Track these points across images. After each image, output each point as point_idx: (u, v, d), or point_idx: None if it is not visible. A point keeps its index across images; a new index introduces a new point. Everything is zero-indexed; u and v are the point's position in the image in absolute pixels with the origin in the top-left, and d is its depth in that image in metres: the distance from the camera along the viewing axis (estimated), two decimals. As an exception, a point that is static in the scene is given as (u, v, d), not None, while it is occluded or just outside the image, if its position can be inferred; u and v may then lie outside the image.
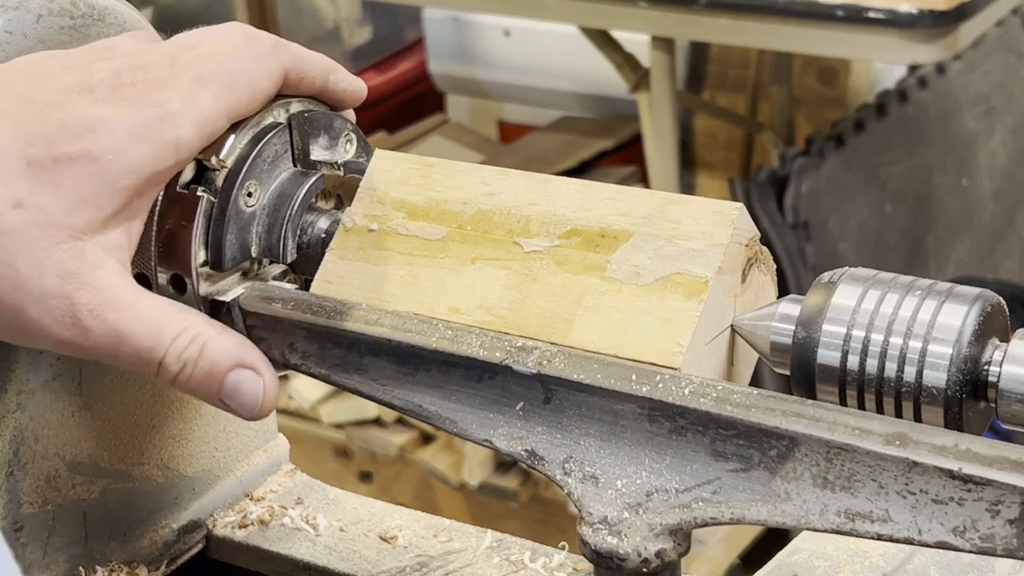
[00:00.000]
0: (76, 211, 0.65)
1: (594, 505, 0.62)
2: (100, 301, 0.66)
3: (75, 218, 0.65)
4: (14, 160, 0.64)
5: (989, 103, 2.83)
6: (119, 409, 0.81)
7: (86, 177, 0.65)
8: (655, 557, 0.61)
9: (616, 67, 2.53)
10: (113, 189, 0.66)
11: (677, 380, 0.61)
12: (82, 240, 0.65)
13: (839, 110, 2.95)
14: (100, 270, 0.66)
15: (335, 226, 0.73)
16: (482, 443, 0.65)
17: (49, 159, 0.65)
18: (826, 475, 0.58)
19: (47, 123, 0.65)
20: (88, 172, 0.65)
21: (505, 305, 0.67)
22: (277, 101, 0.72)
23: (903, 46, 2.07)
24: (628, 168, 3.03)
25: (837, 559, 0.79)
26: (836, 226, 2.42)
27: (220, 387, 0.68)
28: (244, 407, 0.69)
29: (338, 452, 2.71)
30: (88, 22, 0.76)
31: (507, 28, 3.25)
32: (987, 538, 0.55)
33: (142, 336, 0.67)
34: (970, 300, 0.60)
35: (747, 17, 2.13)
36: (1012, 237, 2.87)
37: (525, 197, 0.70)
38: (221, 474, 0.87)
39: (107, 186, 0.65)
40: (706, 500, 0.61)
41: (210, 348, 0.68)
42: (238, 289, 0.71)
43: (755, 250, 0.67)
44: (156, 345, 0.67)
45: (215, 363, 0.68)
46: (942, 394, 0.59)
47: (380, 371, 0.68)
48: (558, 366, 0.63)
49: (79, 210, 0.65)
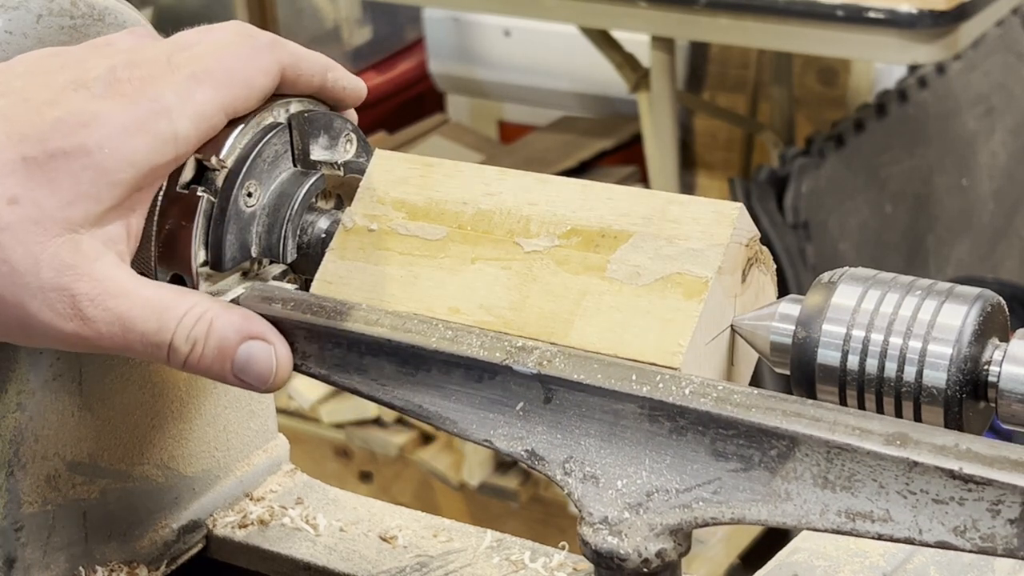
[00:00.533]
0: (72, 205, 0.65)
1: (594, 505, 0.62)
2: (100, 290, 0.66)
3: (71, 211, 0.65)
4: (9, 157, 0.64)
5: (989, 103, 2.83)
6: (119, 409, 0.81)
7: (82, 171, 0.65)
8: (655, 557, 0.61)
9: (616, 67, 2.53)
10: (111, 182, 0.66)
11: (677, 380, 0.61)
12: (78, 233, 0.66)
13: (839, 110, 2.95)
14: (98, 261, 0.66)
15: (335, 226, 0.73)
16: (482, 443, 0.65)
17: (44, 154, 0.65)
18: (826, 475, 0.58)
19: (42, 120, 0.65)
20: (83, 166, 0.65)
21: (505, 305, 0.67)
22: (277, 101, 0.72)
23: (903, 46, 2.07)
24: (628, 168, 3.03)
25: (837, 559, 0.79)
26: (836, 226, 2.42)
27: (232, 362, 0.68)
28: (259, 378, 0.68)
29: (338, 452, 2.71)
30: (88, 22, 0.76)
31: (507, 28, 3.25)
32: (988, 538, 0.55)
33: (147, 320, 0.67)
34: (970, 300, 0.60)
35: (747, 17, 2.13)
36: (1012, 237, 2.87)
37: (525, 197, 0.70)
38: (221, 474, 0.87)
39: (104, 179, 0.65)
40: (706, 500, 0.61)
41: (218, 324, 0.68)
42: (238, 289, 0.71)
43: (755, 250, 0.67)
44: (162, 327, 0.67)
45: (224, 338, 0.68)
46: (942, 394, 0.59)
47: (380, 371, 0.68)
48: (558, 366, 0.63)
49: (75, 204, 0.65)
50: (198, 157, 0.70)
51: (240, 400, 0.88)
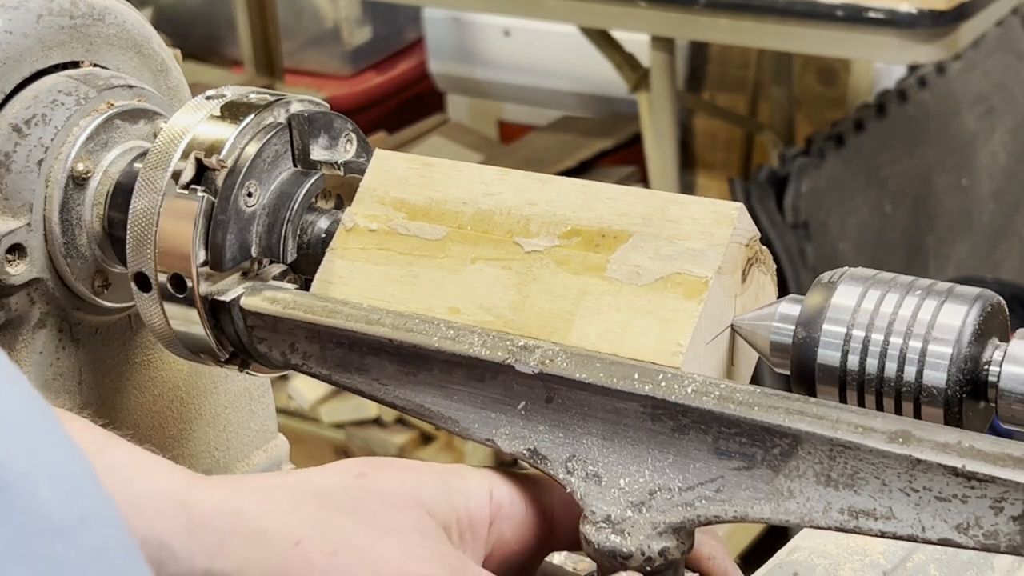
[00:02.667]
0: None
1: (597, 504, 0.62)
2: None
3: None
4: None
5: (989, 103, 2.83)
6: (119, 409, 0.81)
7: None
8: (658, 555, 0.61)
9: (616, 67, 2.53)
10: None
11: (680, 379, 0.61)
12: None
13: (839, 110, 2.95)
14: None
15: (335, 226, 0.73)
16: (484, 443, 0.65)
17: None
18: (829, 473, 0.58)
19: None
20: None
21: (505, 305, 0.67)
22: (278, 101, 0.72)
23: (903, 46, 2.07)
24: (628, 168, 3.03)
25: (837, 557, 0.79)
26: (836, 226, 2.42)
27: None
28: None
29: (338, 452, 2.71)
30: (88, 22, 0.76)
31: (507, 28, 3.26)
32: (990, 535, 0.55)
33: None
34: (970, 300, 0.60)
35: (747, 17, 2.13)
36: (1012, 237, 2.87)
37: (525, 197, 0.69)
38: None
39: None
40: (709, 498, 0.61)
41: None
42: (238, 289, 0.71)
43: (755, 250, 0.67)
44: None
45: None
46: (942, 394, 0.59)
47: (382, 371, 0.68)
48: (560, 365, 0.63)
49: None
50: (198, 157, 0.70)
51: (240, 400, 0.88)
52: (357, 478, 0.62)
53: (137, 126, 0.78)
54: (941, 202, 2.68)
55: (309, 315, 0.69)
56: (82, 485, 0.43)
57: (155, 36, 0.81)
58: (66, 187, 0.75)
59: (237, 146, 0.70)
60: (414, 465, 0.64)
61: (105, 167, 0.76)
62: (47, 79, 0.75)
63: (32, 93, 0.74)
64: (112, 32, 0.78)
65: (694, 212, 0.66)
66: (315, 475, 0.63)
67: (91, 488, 0.43)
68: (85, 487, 0.43)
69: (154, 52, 0.81)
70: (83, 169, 0.75)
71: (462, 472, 0.64)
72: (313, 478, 0.62)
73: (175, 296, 0.71)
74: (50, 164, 0.75)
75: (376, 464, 0.64)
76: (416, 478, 0.63)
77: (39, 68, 0.75)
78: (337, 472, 0.63)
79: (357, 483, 0.62)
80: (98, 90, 0.76)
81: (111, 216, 0.76)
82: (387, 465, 0.64)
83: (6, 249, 0.74)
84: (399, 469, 0.63)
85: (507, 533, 0.64)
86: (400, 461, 0.64)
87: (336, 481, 0.62)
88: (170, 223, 0.70)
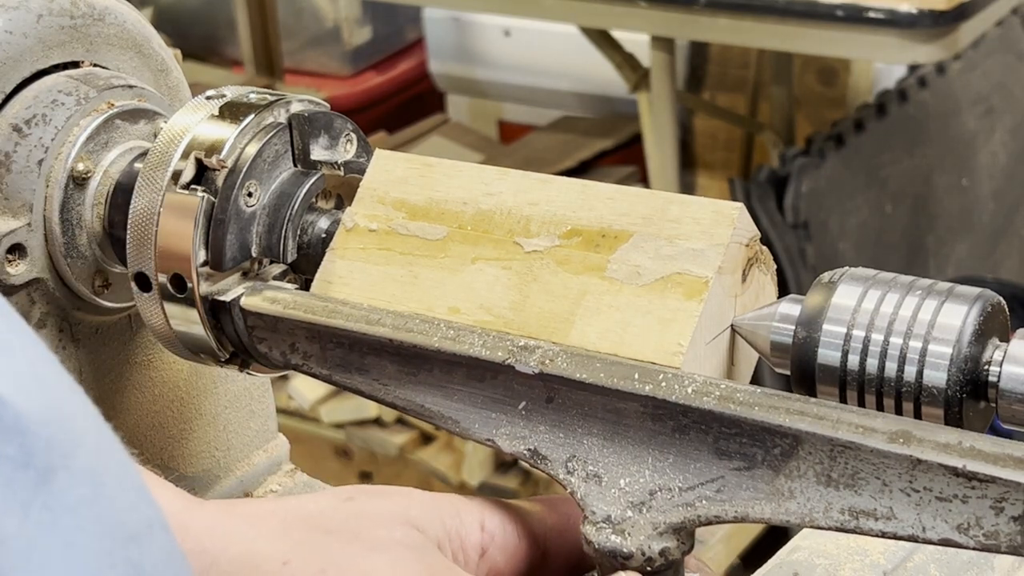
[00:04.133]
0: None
1: (597, 504, 0.62)
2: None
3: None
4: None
5: (989, 103, 2.83)
6: (119, 409, 0.81)
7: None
8: (659, 556, 0.61)
9: (616, 67, 2.53)
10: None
11: (680, 379, 0.61)
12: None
13: (839, 110, 2.95)
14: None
15: (335, 226, 0.73)
16: (485, 443, 0.65)
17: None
18: (830, 473, 0.58)
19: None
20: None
21: (505, 305, 0.67)
22: (278, 101, 0.72)
23: (903, 46, 2.07)
24: (628, 168, 3.03)
25: (837, 557, 0.79)
26: (836, 226, 2.42)
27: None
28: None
29: (338, 452, 2.71)
30: (88, 22, 0.76)
31: (507, 28, 3.26)
32: (991, 535, 0.55)
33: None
34: (970, 300, 0.60)
35: (747, 17, 2.13)
36: (1012, 237, 2.87)
37: (525, 197, 0.69)
38: (221, 474, 0.87)
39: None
40: (710, 498, 0.61)
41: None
42: (238, 289, 0.71)
43: (755, 250, 0.67)
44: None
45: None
46: (942, 394, 0.59)
47: (382, 371, 0.68)
48: (560, 365, 0.63)
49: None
50: (198, 157, 0.70)
51: (240, 400, 0.88)
52: (346, 502, 0.63)
53: (137, 126, 0.78)
54: (941, 202, 2.68)
55: (309, 315, 0.69)
56: (143, 492, 0.43)
57: (155, 36, 0.81)
58: (66, 187, 0.75)
59: (237, 146, 0.70)
60: (405, 490, 0.65)
61: (105, 167, 0.76)
62: (47, 79, 0.75)
63: (32, 93, 0.74)
64: (112, 32, 0.78)
65: (694, 212, 0.66)
66: (306, 500, 0.64)
67: (149, 496, 0.43)
68: (146, 495, 0.43)
69: (154, 52, 0.81)
70: (83, 169, 0.75)
71: (453, 499, 0.65)
72: (303, 503, 0.64)
73: (175, 296, 0.71)
74: (50, 164, 0.75)
75: (366, 490, 0.65)
76: (405, 500, 0.64)
77: (39, 68, 0.75)
78: (327, 498, 0.64)
79: (345, 506, 0.63)
80: (98, 90, 0.76)
81: (111, 216, 0.76)
82: (377, 491, 0.65)
83: (6, 249, 0.74)
84: (389, 493, 0.64)
85: (500, 563, 0.64)
86: (391, 487, 0.65)
87: (326, 505, 0.63)
88: (170, 223, 0.70)
